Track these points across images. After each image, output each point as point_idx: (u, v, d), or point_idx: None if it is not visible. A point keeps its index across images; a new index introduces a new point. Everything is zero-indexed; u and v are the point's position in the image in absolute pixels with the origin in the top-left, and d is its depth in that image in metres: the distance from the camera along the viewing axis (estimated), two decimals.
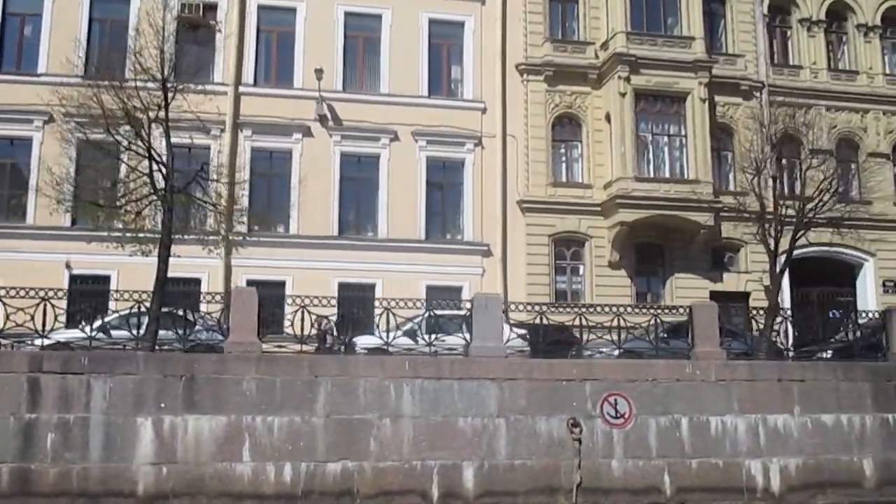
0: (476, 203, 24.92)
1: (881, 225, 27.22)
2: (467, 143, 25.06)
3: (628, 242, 25.18)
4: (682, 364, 14.22)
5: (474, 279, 24.45)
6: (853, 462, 14.32)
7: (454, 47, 25.82)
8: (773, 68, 27.59)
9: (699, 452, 13.80)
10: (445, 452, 13.07)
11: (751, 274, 25.98)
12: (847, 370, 14.77)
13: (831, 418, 14.44)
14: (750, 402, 14.17)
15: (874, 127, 27.89)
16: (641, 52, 25.18)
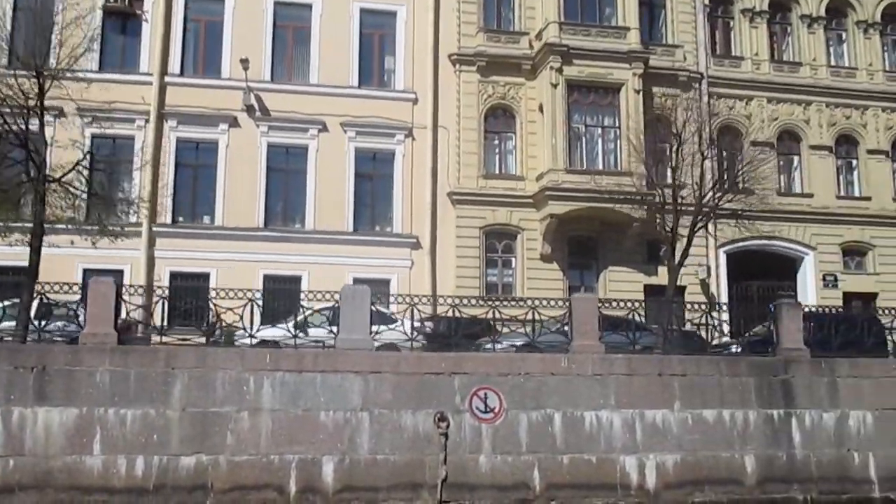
0: (406, 195, 24.62)
1: (821, 218, 26.84)
2: (397, 134, 24.75)
3: (560, 235, 24.85)
4: (557, 358, 13.93)
5: (402, 272, 24.18)
6: (734, 458, 14.03)
7: (386, 37, 25.50)
8: (714, 59, 27.23)
9: (572, 448, 13.52)
10: (305, 447, 12.83)
11: (687, 267, 25.54)
12: (731, 365, 14.49)
13: (713, 414, 14.15)
14: (628, 396, 13.89)
15: (817, 119, 27.52)
16: (574, 42, 24.83)
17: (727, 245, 26.17)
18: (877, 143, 27.78)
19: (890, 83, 28.25)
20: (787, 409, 14.41)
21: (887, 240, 27.15)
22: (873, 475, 14.43)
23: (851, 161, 28.04)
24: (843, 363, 14.88)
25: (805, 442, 14.34)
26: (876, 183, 27.60)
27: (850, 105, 27.80)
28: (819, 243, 26.76)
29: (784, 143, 27.54)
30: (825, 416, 14.56)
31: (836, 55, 28.63)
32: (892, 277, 27.05)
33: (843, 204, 27.26)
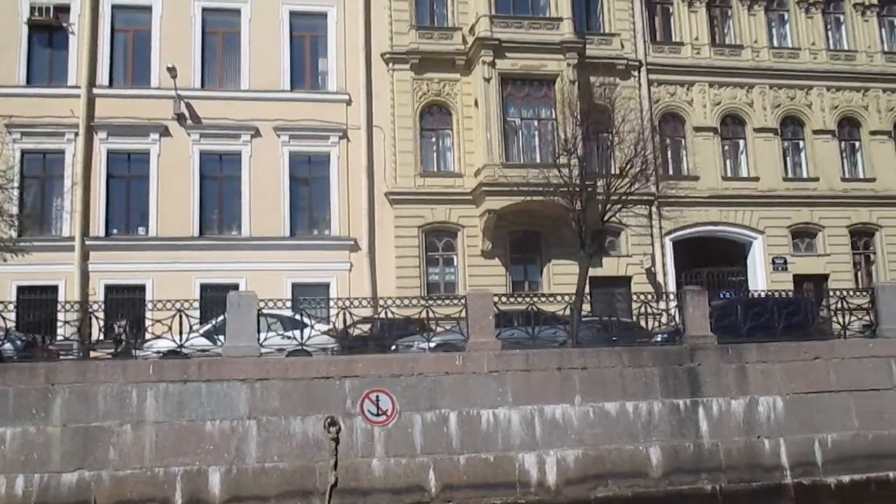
0: (342, 197, 24.41)
1: (768, 202, 26.56)
2: (332, 136, 24.54)
3: (501, 231, 24.63)
4: (451, 357, 13.68)
5: (342, 275, 23.98)
6: (638, 451, 13.73)
7: (317, 39, 25.30)
8: (654, 46, 27.00)
9: (468, 448, 13.24)
10: (191, 458, 12.57)
11: (632, 258, 25.35)
12: (634, 355, 14.19)
13: (616, 406, 13.86)
14: (526, 392, 13.61)
15: (761, 102, 27.23)
16: (506, 35, 24.61)
17: (673, 233, 25.93)
18: (823, 124, 27.51)
19: (834, 62, 28.00)
20: (693, 397, 14.10)
21: (837, 220, 26.92)
22: (785, 461, 14.12)
23: (798, 142, 27.73)
24: (751, 349, 14.59)
25: (713, 431, 14.04)
26: (823, 164, 27.33)
27: (795, 86, 27.53)
28: (767, 227, 26.48)
29: (728, 127, 27.29)
30: (734, 404, 14.26)
31: (778, 36, 28.31)
32: (843, 258, 26.81)
33: (790, 186, 27.00)
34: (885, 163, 27.70)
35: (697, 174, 26.36)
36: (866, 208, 27.15)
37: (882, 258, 27.24)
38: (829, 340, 15.05)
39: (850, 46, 28.38)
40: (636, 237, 25.42)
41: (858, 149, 28.02)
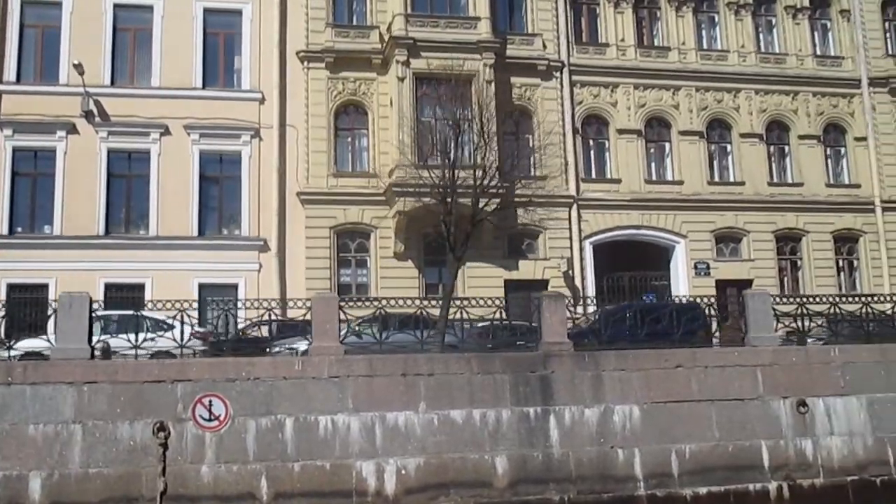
0: (253, 197, 24.10)
1: (692, 206, 26.24)
2: (243, 135, 24.23)
3: (415, 232, 24.31)
4: (290, 361, 13.41)
5: (250, 275, 23.69)
6: (483, 460, 13.39)
7: (232, 37, 24.99)
8: (578, 47, 26.66)
9: (304, 455, 12.91)
10: (11, 462, 12.24)
11: (549, 260, 25.02)
12: (484, 362, 13.87)
13: (462, 414, 13.52)
14: (368, 399, 13.27)
15: (687, 104, 26.90)
16: (422, 34, 24.31)
17: (593, 236, 25.58)
18: (750, 127, 27.20)
19: (763, 65, 27.69)
20: (545, 405, 13.76)
21: (762, 225, 26.62)
22: (638, 472, 13.79)
23: (725, 146, 27.39)
24: (609, 356, 14.28)
25: (564, 440, 13.70)
26: (750, 168, 27.01)
27: (722, 89, 27.23)
28: (690, 231, 26.16)
29: (654, 129, 26.95)
30: (588, 413, 13.92)
31: (708, 38, 28.00)
32: (768, 264, 26.46)
33: (715, 190, 26.68)
34: (814, 168, 27.41)
35: (620, 177, 26.01)
36: (793, 213, 26.85)
37: (808, 264, 26.90)
38: (693, 349, 14.68)
39: (781, 50, 28.07)
40: (554, 240, 25.06)
41: (787, 153, 27.66)
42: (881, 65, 28.19)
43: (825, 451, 14.60)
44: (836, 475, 14.49)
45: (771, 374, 14.74)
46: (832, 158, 28.09)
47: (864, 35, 28.12)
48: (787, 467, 14.33)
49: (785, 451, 14.42)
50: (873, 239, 27.21)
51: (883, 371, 15.20)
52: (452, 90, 23.90)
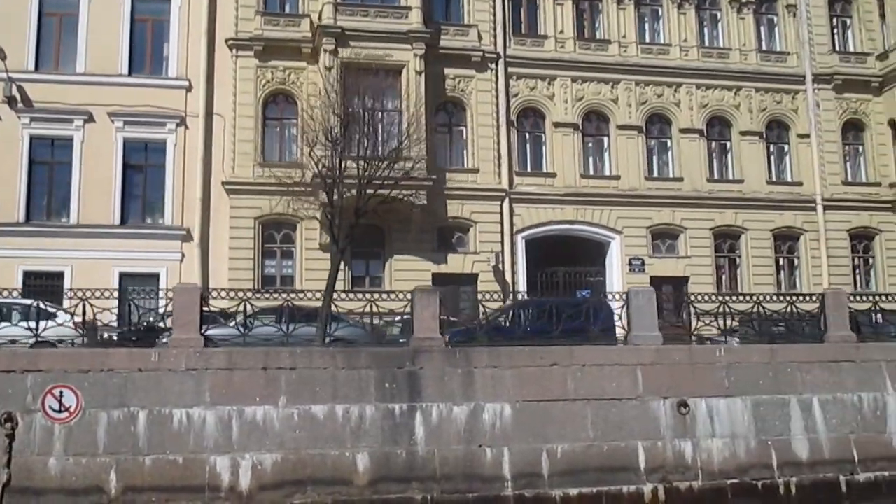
0: (177, 186, 23.76)
1: (629, 201, 25.89)
2: (169, 123, 23.91)
3: (342, 224, 23.87)
4: (146, 353, 13.10)
5: (172, 265, 23.42)
6: (344, 457, 13.12)
7: (160, 23, 24.61)
8: (516, 38, 26.28)
9: (156, 448, 12.65)
10: None
11: (479, 255, 24.71)
12: (350, 357, 13.59)
13: (324, 409, 13.25)
14: (226, 392, 13.01)
15: (626, 98, 26.51)
16: (351, 23, 23.96)
17: (526, 230, 25.25)
18: (690, 123, 26.83)
19: (705, 60, 27.31)
20: (411, 402, 13.49)
21: (700, 222, 26.27)
22: (507, 472, 13.51)
23: (665, 141, 27.03)
24: (481, 353, 14.01)
25: (429, 438, 13.43)
26: (689, 164, 26.64)
27: (663, 83, 26.85)
28: (626, 227, 25.82)
29: (592, 123, 26.59)
30: (456, 410, 13.64)
31: (651, 32, 27.60)
32: (704, 261, 26.14)
33: (653, 185, 26.34)
34: (755, 165, 27.05)
35: (555, 171, 25.69)
36: (732, 210, 26.50)
37: (747, 262, 26.57)
38: (571, 346, 14.37)
39: (725, 44, 27.64)
40: (485, 234, 24.75)
41: (729, 149, 27.28)
42: (826, 61, 27.78)
43: (705, 453, 14.32)
44: (716, 478, 14.23)
45: (652, 374, 14.45)
46: (775, 155, 27.75)
47: (809, 30, 27.72)
48: (663, 469, 14.05)
49: (662, 452, 14.14)
50: (814, 237, 26.87)
51: (771, 373, 14.91)
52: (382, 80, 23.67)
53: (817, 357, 15.27)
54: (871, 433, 15.04)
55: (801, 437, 14.73)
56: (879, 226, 27.33)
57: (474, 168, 24.93)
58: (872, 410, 15.18)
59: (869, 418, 15.12)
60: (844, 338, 15.56)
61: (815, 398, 14.95)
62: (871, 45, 28.41)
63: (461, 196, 24.67)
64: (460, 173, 24.94)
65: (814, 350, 15.42)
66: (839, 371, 15.21)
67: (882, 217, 27.31)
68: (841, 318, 15.75)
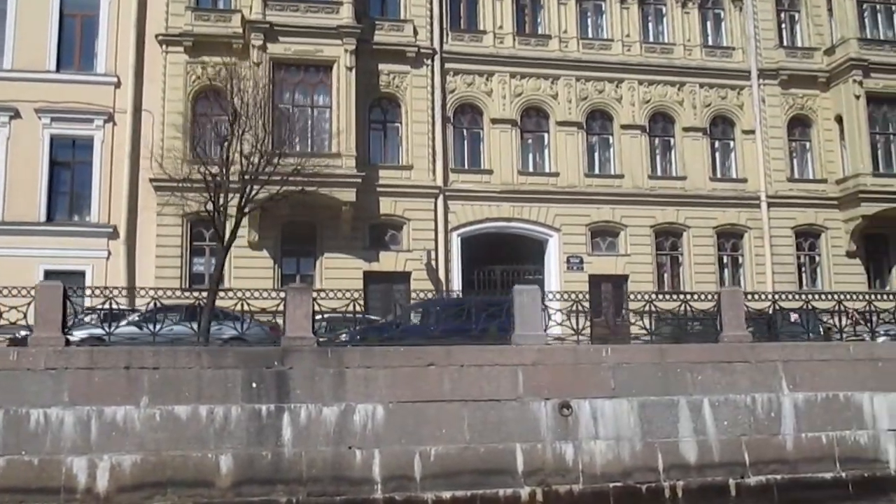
0: (105, 183, 23.56)
1: (567, 198, 25.58)
2: (97, 119, 23.73)
3: (272, 222, 23.73)
4: (5, 352, 12.90)
5: (99, 263, 23.24)
6: (207, 458, 12.84)
7: (90, 19, 24.39)
8: (454, 34, 26.01)
9: (11, 449, 12.39)
10: None
11: (412, 252, 24.43)
12: (216, 356, 13.32)
13: (187, 410, 12.97)
14: (86, 392, 12.75)
15: (566, 94, 26.18)
16: (280, 18, 23.75)
17: (461, 228, 24.95)
18: (632, 119, 26.46)
19: (648, 55, 26.97)
20: (279, 403, 13.21)
21: (640, 219, 25.97)
22: (377, 474, 13.21)
23: (607, 137, 26.68)
24: (354, 352, 13.75)
25: (297, 439, 13.14)
26: (630, 160, 26.30)
27: (604, 78, 26.52)
28: (564, 224, 25.51)
29: (532, 119, 26.27)
30: (326, 411, 13.34)
31: (594, 27, 27.23)
32: (644, 259, 25.81)
33: (593, 183, 26.03)
34: (698, 161, 26.70)
35: (492, 168, 25.38)
36: (674, 208, 26.15)
37: (689, 260, 26.20)
38: (449, 346, 14.09)
39: (669, 39, 27.26)
40: (419, 231, 24.48)
41: (673, 146, 26.90)
42: (772, 56, 27.38)
43: (587, 456, 13.98)
44: (598, 481, 13.89)
45: (534, 374, 14.12)
46: (720, 152, 27.37)
47: (755, 25, 27.30)
48: (543, 472, 13.72)
49: (542, 454, 13.80)
50: (758, 235, 26.49)
51: (660, 373, 14.57)
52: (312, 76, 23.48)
53: (710, 357, 14.92)
54: (764, 435, 14.66)
55: (689, 440, 14.35)
56: (825, 223, 26.91)
57: (408, 165, 24.67)
58: (766, 412, 14.80)
59: (762, 420, 14.74)
60: (739, 337, 15.20)
61: (705, 399, 14.57)
62: (818, 39, 27.96)
63: (394, 193, 24.41)
64: (394, 170, 24.67)
65: (706, 350, 15.08)
66: (732, 371, 14.84)
67: (828, 214, 26.90)
68: (736, 317, 15.40)
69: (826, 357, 15.42)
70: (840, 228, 26.87)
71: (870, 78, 26.61)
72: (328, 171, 23.21)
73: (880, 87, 26.72)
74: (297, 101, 24.04)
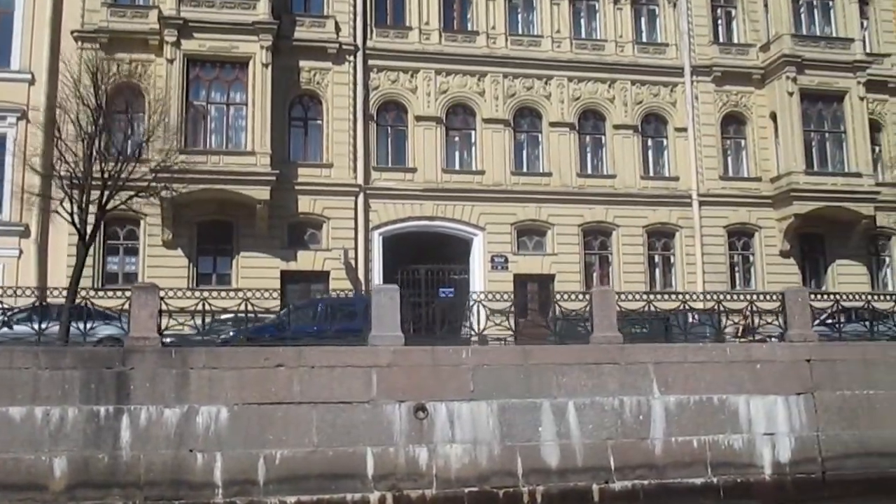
0: (17, 180, 23.20)
1: (493, 197, 25.20)
2: (10, 116, 23.48)
3: (186, 220, 23.50)
4: None
5: (9, 262, 22.98)
6: (40, 461, 12.58)
7: (6, 15, 24.12)
8: (379, 30, 25.65)
9: None
10: None
11: (331, 252, 24.10)
12: (53, 357, 13.03)
13: (22, 411, 12.71)
14: None
15: (493, 91, 25.80)
16: (195, 14, 23.44)
17: (383, 227, 24.63)
18: (561, 116, 26.04)
19: (579, 52, 26.56)
20: (118, 405, 12.92)
21: (568, 218, 25.56)
22: (218, 478, 12.92)
23: (536, 135, 26.29)
24: (199, 353, 13.44)
25: (136, 442, 12.85)
26: (559, 158, 25.89)
27: (533, 75, 26.08)
28: (489, 223, 25.13)
29: (458, 116, 25.89)
30: (167, 413, 13.05)
31: (524, 23, 26.85)
32: (572, 258, 25.40)
33: (519, 180, 25.65)
34: (629, 159, 26.29)
35: (415, 166, 25.04)
36: (603, 206, 25.73)
37: (618, 259, 25.78)
38: (300, 347, 13.78)
39: (601, 36, 26.83)
40: (339, 230, 24.16)
41: (604, 144, 26.49)
42: (706, 52, 26.96)
43: (442, 460, 13.66)
44: (452, 486, 13.58)
45: (389, 376, 13.82)
46: (653, 150, 26.93)
47: (689, 21, 26.84)
48: (394, 476, 13.41)
49: (394, 458, 13.50)
50: (689, 234, 26.04)
51: (523, 375, 14.22)
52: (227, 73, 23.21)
53: (577, 359, 14.58)
54: (631, 439, 14.31)
55: (551, 443, 14.02)
56: (759, 222, 26.45)
57: (328, 163, 24.36)
58: (635, 415, 14.44)
59: (631, 423, 14.39)
60: (609, 339, 14.82)
61: (570, 402, 14.24)
62: (754, 36, 27.51)
63: (314, 191, 24.11)
64: (314, 168, 24.37)
65: (574, 351, 14.75)
66: (601, 373, 14.50)
67: (762, 213, 26.44)
68: (607, 317, 15.03)
69: (701, 359, 15.05)
70: (774, 227, 26.41)
71: (804, 74, 26.14)
72: (241, 169, 22.96)
73: (815, 84, 26.24)
74: (213, 98, 23.62)
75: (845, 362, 15.52)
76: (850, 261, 26.46)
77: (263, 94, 23.25)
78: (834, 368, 15.38)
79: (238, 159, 22.97)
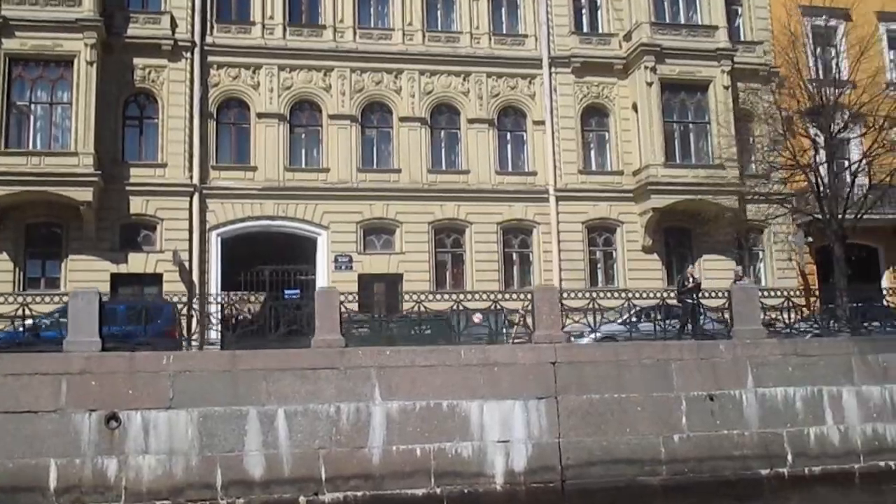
0: None
1: (338, 195, 24.51)
2: None
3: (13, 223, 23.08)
4: None
5: None
6: None
7: None
8: (220, 26, 25.00)
9: None
10: None
11: (164, 253, 23.51)
12: None
13: None
14: None
15: (339, 86, 25.08)
16: (16, 12, 22.87)
17: (221, 227, 24.00)
18: (412, 111, 25.28)
19: (431, 44, 25.80)
20: None
21: (417, 216, 24.82)
22: None
23: (387, 131, 25.55)
24: None
25: None
26: (409, 154, 25.15)
27: (382, 69, 25.33)
28: (333, 222, 24.44)
29: (304, 113, 25.20)
30: None
31: (375, 16, 26.12)
32: (421, 256, 24.66)
33: (366, 178, 24.91)
34: (483, 154, 25.46)
35: (256, 164, 24.39)
36: (455, 203, 24.94)
37: (470, 257, 24.99)
38: None
39: (456, 28, 26.02)
40: (172, 231, 23.55)
41: (459, 138, 25.69)
42: (566, 43, 26.08)
43: (133, 472, 13.04)
44: (143, 499, 12.95)
45: (81, 384, 13.20)
46: (511, 144, 26.08)
47: (548, 11, 25.97)
48: (79, 489, 12.82)
49: (80, 471, 12.88)
50: (546, 230, 25.19)
51: (230, 382, 13.59)
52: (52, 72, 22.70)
53: (292, 364, 13.90)
54: (347, 448, 13.60)
55: (256, 454, 13.35)
56: (621, 217, 25.55)
57: (163, 163, 23.75)
58: (352, 423, 13.75)
59: (347, 431, 13.70)
60: (329, 342, 14.10)
61: (281, 410, 13.57)
62: (619, 25, 26.60)
63: (146, 192, 23.53)
64: (147, 168, 23.77)
65: (289, 356, 14.05)
66: (317, 379, 13.81)
67: (624, 208, 25.53)
68: (331, 319, 14.36)
69: (431, 363, 14.31)
70: (636, 223, 25.49)
71: (664, 64, 25.21)
72: (63, 171, 22.40)
73: (675, 74, 25.30)
74: (38, 97, 23.09)
75: (595, 364, 14.72)
76: (717, 255, 25.49)
77: (88, 93, 22.68)
78: (582, 371, 14.59)
79: (60, 160, 22.41)
